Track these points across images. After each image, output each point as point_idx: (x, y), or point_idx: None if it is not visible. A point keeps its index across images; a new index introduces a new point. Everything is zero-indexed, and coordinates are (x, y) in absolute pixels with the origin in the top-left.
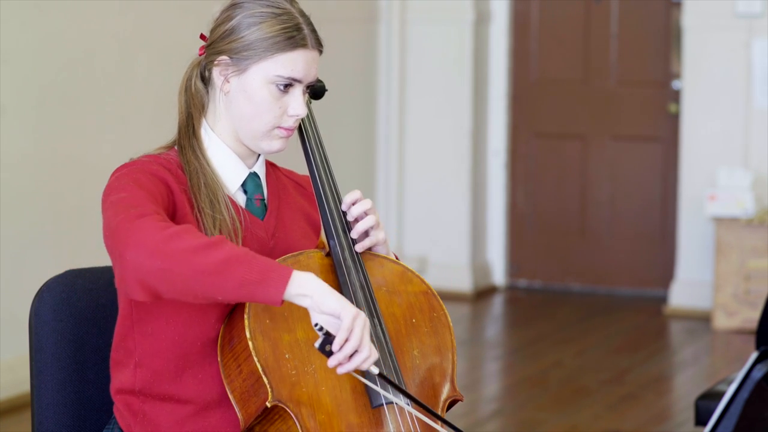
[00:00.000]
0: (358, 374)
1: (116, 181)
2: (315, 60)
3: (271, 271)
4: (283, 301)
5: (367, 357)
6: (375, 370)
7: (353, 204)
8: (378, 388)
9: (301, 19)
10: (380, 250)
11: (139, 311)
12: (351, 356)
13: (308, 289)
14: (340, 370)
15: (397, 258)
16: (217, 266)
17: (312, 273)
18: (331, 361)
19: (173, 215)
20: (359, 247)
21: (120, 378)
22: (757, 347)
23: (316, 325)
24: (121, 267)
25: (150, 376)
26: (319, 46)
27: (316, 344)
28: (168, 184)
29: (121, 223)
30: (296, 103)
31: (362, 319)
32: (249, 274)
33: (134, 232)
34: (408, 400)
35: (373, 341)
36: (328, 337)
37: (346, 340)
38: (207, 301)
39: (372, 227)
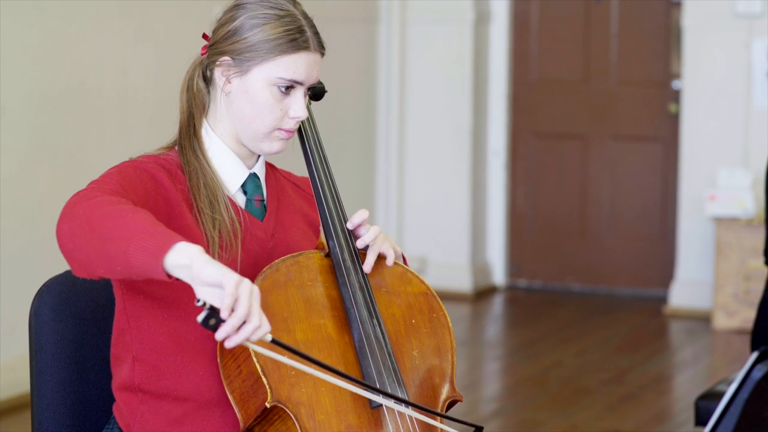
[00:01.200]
0: (260, 347)
1: (107, 171)
2: (317, 62)
3: (153, 236)
4: (170, 276)
5: (258, 326)
6: (269, 338)
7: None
8: (367, 394)
9: (303, 22)
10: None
11: (132, 307)
12: (239, 328)
13: (187, 259)
14: (229, 343)
15: (404, 259)
16: (111, 231)
17: (200, 246)
18: (219, 334)
19: (168, 215)
20: (367, 267)
21: (120, 373)
22: (752, 350)
23: (198, 300)
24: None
25: (148, 371)
26: (321, 48)
27: (199, 318)
28: (160, 183)
29: (72, 197)
30: (297, 105)
31: (247, 285)
32: (135, 242)
33: (71, 201)
34: (390, 399)
35: (372, 342)
36: (213, 311)
37: (233, 309)
38: (113, 273)
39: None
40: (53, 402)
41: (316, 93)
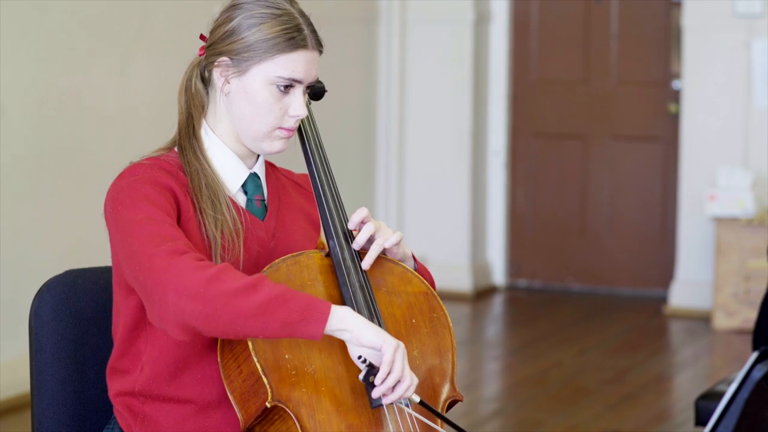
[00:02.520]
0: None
1: (125, 195)
2: (315, 60)
3: (311, 309)
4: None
5: (410, 386)
6: (416, 399)
7: (360, 224)
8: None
9: (301, 20)
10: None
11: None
12: (394, 387)
13: (347, 325)
14: (385, 401)
15: (415, 259)
16: (259, 309)
17: (348, 308)
18: (375, 393)
19: (178, 220)
20: (366, 264)
21: (121, 382)
22: (754, 348)
23: (359, 357)
24: (160, 308)
25: (150, 377)
26: (319, 46)
27: (360, 377)
28: (173, 191)
29: (157, 260)
30: (297, 104)
31: (402, 350)
32: (290, 315)
33: (173, 273)
34: (408, 402)
35: None
36: (372, 369)
37: (390, 373)
38: (248, 338)
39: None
40: (53, 402)
41: (316, 93)
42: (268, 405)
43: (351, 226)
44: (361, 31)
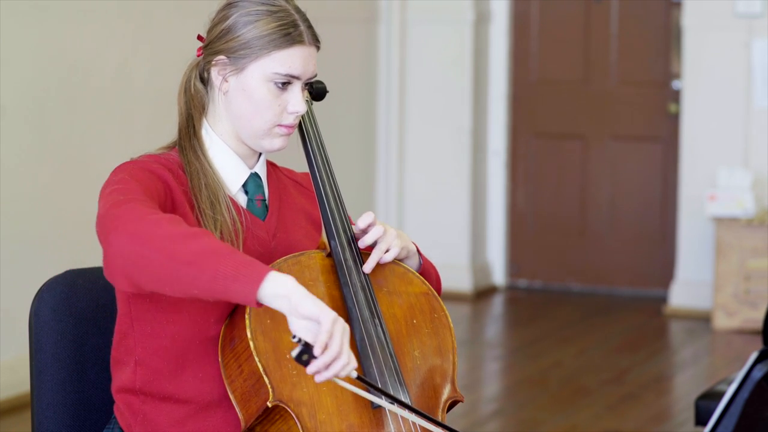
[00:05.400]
0: (345, 381)
1: (113, 176)
2: (312, 56)
3: (246, 267)
4: (259, 303)
5: (347, 364)
6: (354, 375)
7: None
8: (368, 395)
9: (296, 16)
10: (411, 263)
11: (137, 310)
12: (329, 364)
13: (285, 290)
14: (319, 378)
15: (420, 254)
16: (193, 256)
17: (291, 276)
18: (310, 369)
19: (173, 214)
20: (367, 268)
21: (120, 377)
22: (764, 342)
23: (294, 336)
24: (106, 253)
25: (150, 374)
26: (316, 41)
27: (293, 353)
28: (166, 182)
29: (109, 209)
30: (295, 100)
31: (341, 323)
32: (223, 269)
33: (119, 216)
34: (394, 402)
35: (374, 342)
36: (306, 347)
37: (327, 347)
38: (184, 294)
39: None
40: (53, 402)
41: (317, 93)
42: (269, 405)
43: (358, 230)
44: (361, 31)
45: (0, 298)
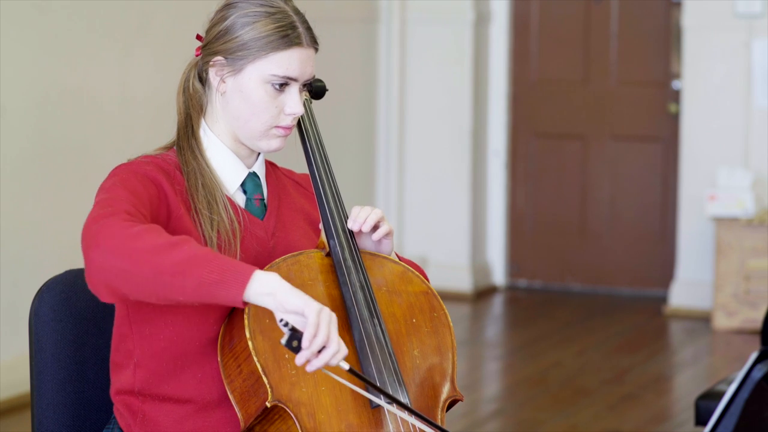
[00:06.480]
0: (340, 377)
1: (106, 181)
2: (311, 58)
3: (231, 271)
4: (246, 303)
5: (336, 351)
6: (345, 366)
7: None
8: (367, 394)
9: (295, 17)
10: (386, 244)
11: (136, 313)
12: (319, 352)
13: (270, 288)
14: (309, 368)
15: (398, 257)
16: (177, 266)
17: (275, 273)
18: (299, 358)
19: (167, 217)
20: (376, 236)
21: (119, 379)
22: (763, 342)
23: (281, 321)
24: (87, 267)
25: (149, 376)
26: (314, 43)
27: (282, 340)
28: (161, 186)
29: (90, 223)
30: (293, 102)
31: (327, 313)
32: (209, 275)
33: (99, 231)
34: (392, 401)
35: (373, 341)
36: (295, 333)
37: (314, 336)
38: (169, 302)
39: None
40: (53, 402)
41: (317, 92)
42: (268, 405)
43: (354, 227)
44: (361, 31)
45: (0, 298)
